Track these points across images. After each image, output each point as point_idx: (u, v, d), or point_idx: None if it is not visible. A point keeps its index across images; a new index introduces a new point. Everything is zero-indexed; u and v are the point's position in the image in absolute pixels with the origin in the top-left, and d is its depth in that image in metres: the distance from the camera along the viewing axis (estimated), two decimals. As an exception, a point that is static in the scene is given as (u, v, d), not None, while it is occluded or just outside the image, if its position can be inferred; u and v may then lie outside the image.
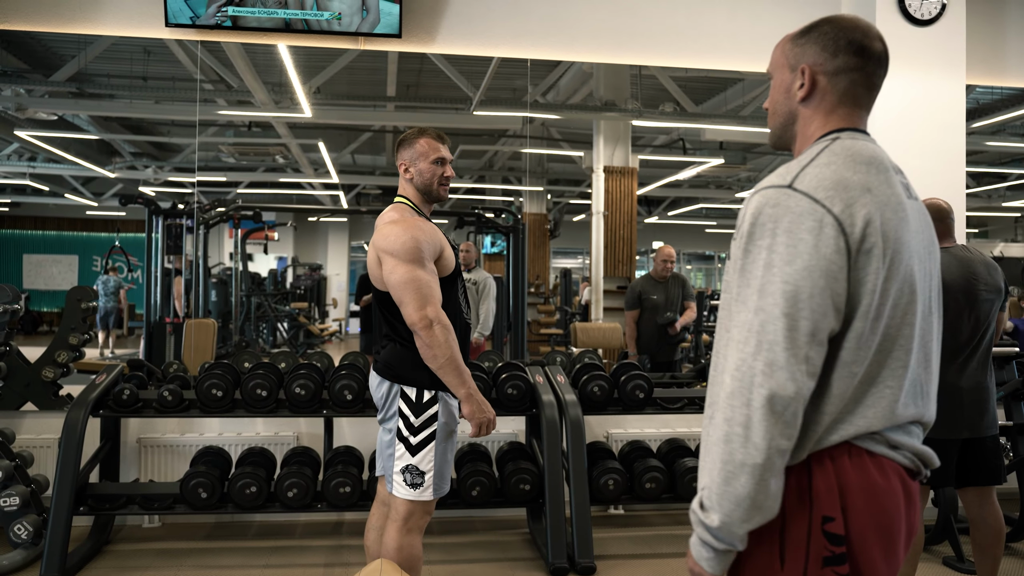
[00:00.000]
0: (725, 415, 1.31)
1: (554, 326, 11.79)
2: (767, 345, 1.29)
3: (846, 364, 1.35)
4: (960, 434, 3.20)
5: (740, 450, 1.28)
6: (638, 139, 11.18)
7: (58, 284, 16.91)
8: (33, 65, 8.79)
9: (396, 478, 2.72)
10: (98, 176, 13.41)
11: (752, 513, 1.29)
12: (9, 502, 3.83)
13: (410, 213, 2.80)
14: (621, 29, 4.80)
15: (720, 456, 1.30)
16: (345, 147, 11.97)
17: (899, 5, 4.61)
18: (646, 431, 4.92)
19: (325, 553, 4.18)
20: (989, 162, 12.81)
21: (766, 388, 1.27)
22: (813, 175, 1.37)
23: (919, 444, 1.44)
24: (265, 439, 4.58)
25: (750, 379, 1.29)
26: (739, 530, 1.30)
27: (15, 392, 4.49)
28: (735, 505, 1.29)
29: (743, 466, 1.28)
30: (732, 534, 1.30)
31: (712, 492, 1.31)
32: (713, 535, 1.32)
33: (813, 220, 1.31)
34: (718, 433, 1.32)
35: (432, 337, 2.60)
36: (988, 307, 3.25)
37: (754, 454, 1.27)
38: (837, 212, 1.32)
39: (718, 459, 1.31)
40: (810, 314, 1.29)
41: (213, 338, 6.63)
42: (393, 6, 4.44)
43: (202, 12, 4.33)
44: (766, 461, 1.27)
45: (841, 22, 1.48)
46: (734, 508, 1.29)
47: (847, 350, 1.35)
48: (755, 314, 1.31)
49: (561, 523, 3.83)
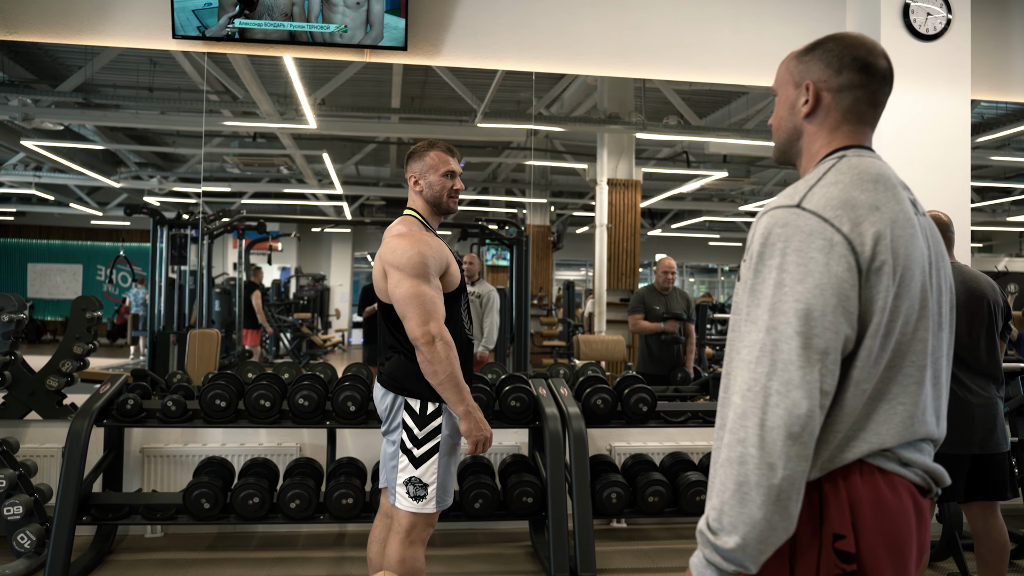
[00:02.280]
0: (738, 436, 1.29)
1: (557, 338, 11.79)
2: (781, 364, 1.28)
3: (857, 383, 1.34)
4: (971, 450, 3.20)
5: (755, 472, 1.26)
6: (642, 152, 11.21)
7: (62, 293, 16.96)
8: (40, 75, 8.84)
9: (399, 490, 2.72)
10: (103, 186, 13.47)
11: (769, 535, 1.27)
12: (13, 511, 3.83)
13: (418, 227, 2.81)
14: (626, 43, 4.82)
15: (734, 477, 1.28)
16: (349, 158, 12.01)
17: (904, 20, 4.63)
18: (649, 444, 4.91)
19: (327, 565, 4.17)
20: (993, 177, 12.83)
21: (782, 408, 1.26)
22: (821, 194, 1.37)
23: (930, 461, 1.43)
24: (268, 450, 4.57)
25: (764, 399, 1.28)
26: (755, 552, 1.27)
27: (19, 401, 4.50)
28: (750, 527, 1.26)
29: (759, 487, 1.26)
30: (747, 556, 1.28)
31: (724, 514, 1.28)
32: (724, 557, 1.29)
33: (823, 239, 1.31)
34: (731, 454, 1.29)
35: (434, 353, 2.60)
36: (992, 322, 3.27)
37: (770, 475, 1.25)
38: (846, 231, 1.32)
39: (731, 480, 1.28)
40: (823, 332, 1.28)
41: (216, 348, 6.64)
42: (399, 20, 4.46)
43: (211, 24, 4.35)
44: (782, 482, 1.25)
45: (846, 39, 1.48)
46: (750, 530, 1.26)
47: (858, 368, 1.34)
48: (767, 333, 1.30)
49: (564, 536, 3.82)
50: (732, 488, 1.28)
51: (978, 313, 3.24)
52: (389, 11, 4.45)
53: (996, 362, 3.29)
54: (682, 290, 6.40)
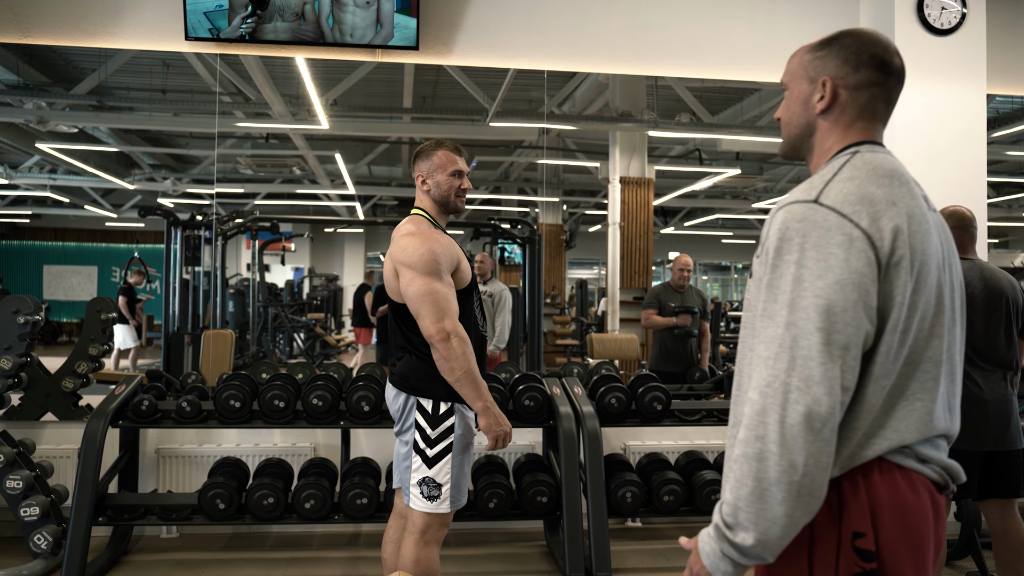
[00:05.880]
0: (756, 432, 1.28)
1: (570, 337, 11.77)
2: (801, 360, 1.27)
3: (877, 379, 1.33)
4: (984, 446, 3.17)
5: (775, 468, 1.25)
6: (654, 150, 11.17)
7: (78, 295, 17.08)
8: (54, 78, 8.89)
9: (413, 490, 2.72)
10: (117, 188, 13.55)
11: (790, 531, 1.27)
12: (29, 512, 3.85)
13: (427, 225, 2.81)
14: (638, 40, 4.80)
15: (752, 474, 1.27)
16: (361, 159, 12.02)
17: (918, 15, 4.59)
18: (664, 443, 4.89)
19: (342, 565, 4.17)
20: (1009, 172, 12.71)
21: (802, 404, 1.25)
22: (838, 190, 1.35)
23: (947, 458, 1.42)
24: (282, 450, 4.58)
25: (783, 395, 1.26)
26: (776, 548, 1.28)
27: (35, 402, 4.52)
28: (771, 524, 1.26)
29: (779, 484, 1.25)
30: (767, 551, 1.28)
31: (741, 511, 1.28)
32: (742, 552, 1.29)
33: (842, 234, 1.30)
34: (748, 450, 1.28)
35: (449, 350, 2.60)
36: (1011, 319, 3.24)
37: (791, 472, 1.25)
38: (865, 226, 1.31)
39: (749, 477, 1.27)
40: (844, 328, 1.27)
41: (231, 349, 6.66)
42: (410, 19, 4.46)
43: (222, 25, 4.37)
44: (803, 479, 1.25)
45: (862, 36, 1.47)
46: (770, 526, 1.26)
47: (878, 364, 1.33)
48: (786, 329, 1.29)
49: (578, 536, 3.81)
50: (751, 484, 1.27)
51: (996, 310, 3.21)
52: (400, 11, 4.45)
53: (1013, 359, 3.27)
54: (698, 288, 6.38)
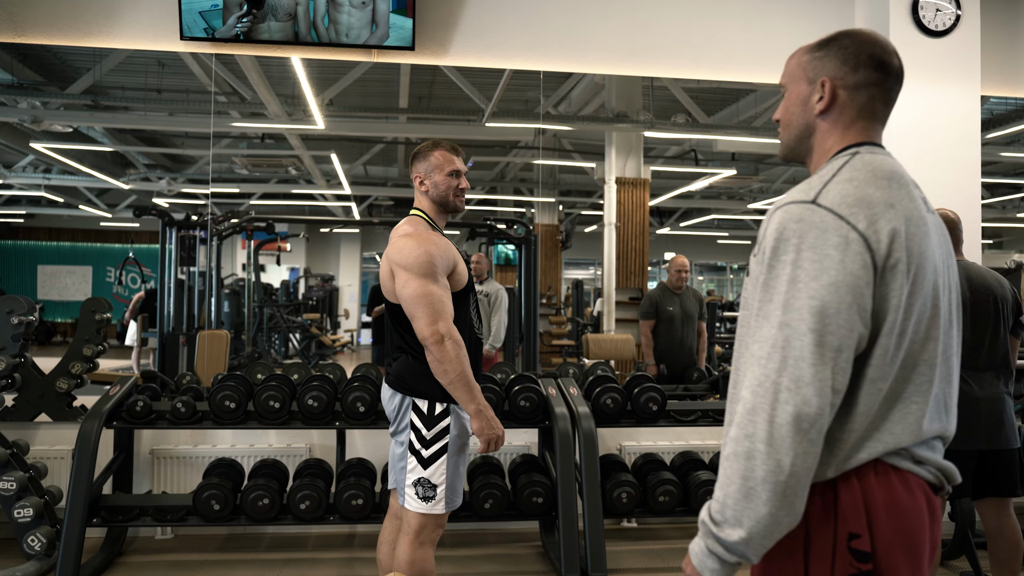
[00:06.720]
0: (746, 431, 1.29)
1: (566, 337, 11.78)
2: (792, 361, 1.27)
3: (872, 381, 1.34)
4: (977, 445, 3.18)
5: (762, 467, 1.26)
6: (650, 150, 11.19)
7: (72, 295, 17.05)
8: (49, 78, 8.88)
9: (408, 491, 2.72)
10: (112, 188, 13.52)
11: (774, 529, 1.28)
12: (23, 513, 3.84)
13: (424, 227, 2.81)
14: (634, 41, 4.80)
15: (740, 472, 1.28)
16: (357, 159, 12.02)
17: (913, 16, 4.60)
18: (659, 444, 4.89)
19: (337, 566, 4.17)
20: (1003, 173, 12.76)
21: (791, 405, 1.26)
22: (836, 191, 1.36)
23: (942, 459, 1.43)
24: (278, 451, 4.57)
25: (774, 395, 1.27)
26: (759, 546, 1.29)
27: (29, 403, 4.51)
28: (755, 522, 1.27)
29: (765, 483, 1.26)
30: (751, 549, 1.29)
31: (728, 508, 1.29)
32: (727, 548, 1.30)
33: (839, 236, 1.30)
34: (737, 448, 1.29)
35: (443, 352, 2.60)
36: (1001, 319, 3.25)
37: (777, 472, 1.25)
38: (862, 228, 1.31)
39: (737, 475, 1.29)
40: (837, 330, 1.28)
41: (226, 349, 6.65)
42: (406, 20, 4.45)
43: (217, 25, 4.36)
44: (789, 479, 1.26)
45: (861, 36, 1.47)
46: (755, 525, 1.27)
47: (873, 367, 1.33)
48: (779, 329, 1.30)
49: (574, 536, 3.81)
50: (738, 482, 1.28)
51: (984, 309, 3.23)
52: (395, 11, 4.44)
53: (1004, 358, 3.27)
54: (694, 289, 6.38)
